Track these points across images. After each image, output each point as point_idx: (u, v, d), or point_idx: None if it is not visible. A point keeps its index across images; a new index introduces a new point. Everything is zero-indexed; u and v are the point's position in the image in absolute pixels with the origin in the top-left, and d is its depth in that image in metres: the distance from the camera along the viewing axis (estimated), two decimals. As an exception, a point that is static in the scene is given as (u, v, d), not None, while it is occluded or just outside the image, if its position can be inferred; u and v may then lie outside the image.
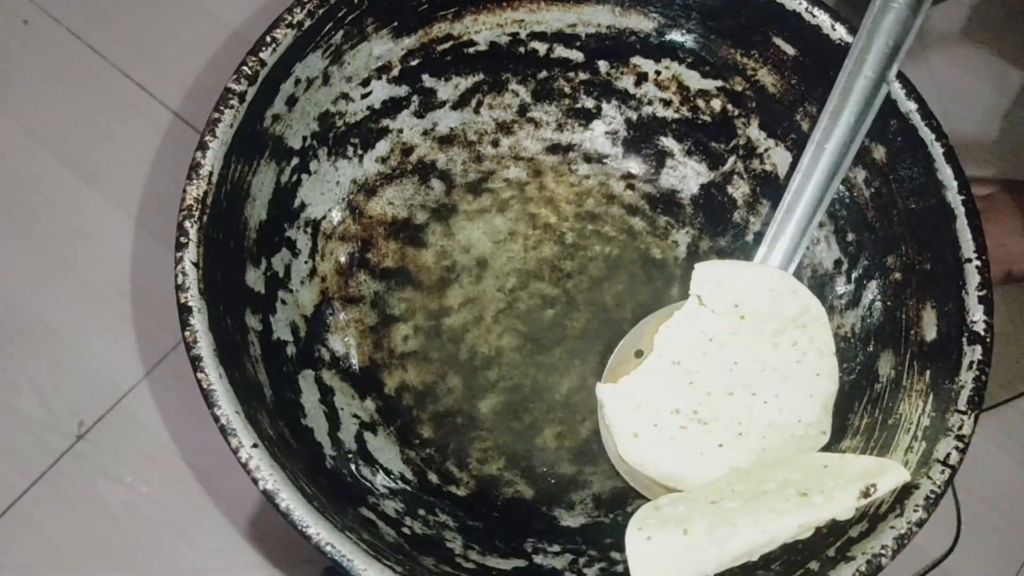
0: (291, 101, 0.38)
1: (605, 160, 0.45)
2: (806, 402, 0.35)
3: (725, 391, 0.36)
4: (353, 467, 0.37)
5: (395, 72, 0.42)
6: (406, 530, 0.36)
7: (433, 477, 0.40)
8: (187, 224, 0.33)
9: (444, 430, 0.41)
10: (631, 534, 0.33)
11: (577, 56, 0.44)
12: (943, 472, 0.32)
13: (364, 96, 0.42)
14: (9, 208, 0.49)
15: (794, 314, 0.36)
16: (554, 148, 0.45)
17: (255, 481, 0.30)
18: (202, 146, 0.34)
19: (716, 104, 0.43)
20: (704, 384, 0.36)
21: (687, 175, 0.45)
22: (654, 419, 0.36)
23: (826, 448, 0.37)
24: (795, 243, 0.38)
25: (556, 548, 0.38)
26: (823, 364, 0.36)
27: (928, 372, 0.36)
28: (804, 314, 0.36)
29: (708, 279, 0.37)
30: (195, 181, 0.33)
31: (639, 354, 0.38)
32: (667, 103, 0.44)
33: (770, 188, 0.44)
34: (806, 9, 0.39)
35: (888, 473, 0.32)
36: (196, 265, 0.32)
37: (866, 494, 0.31)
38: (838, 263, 0.41)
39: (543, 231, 0.44)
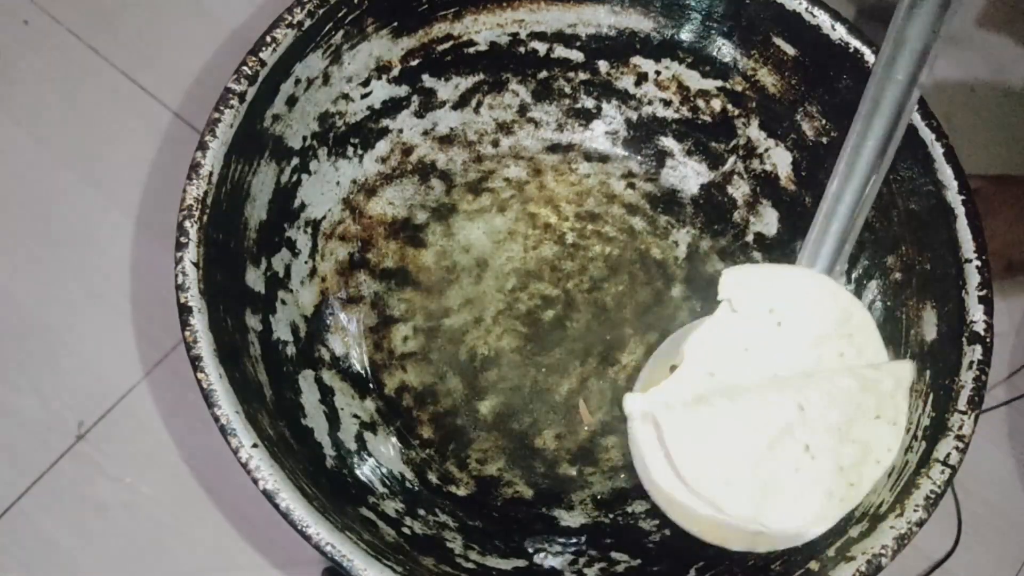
0: (291, 101, 0.38)
1: (605, 160, 0.45)
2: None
3: None
4: (353, 467, 0.38)
5: (395, 72, 0.42)
6: (406, 530, 0.36)
7: (433, 477, 0.40)
8: (187, 224, 0.33)
9: (444, 431, 0.41)
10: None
11: (577, 56, 0.44)
12: (943, 472, 0.32)
13: (364, 96, 0.42)
14: (9, 208, 0.49)
15: (836, 321, 0.34)
16: (554, 148, 0.45)
17: (255, 481, 0.30)
18: (202, 146, 0.34)
19: (716, 104, 0.43)
20: None
21: (687, 175, 0.45)
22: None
23: None
24: (835, 248, 0.35)
25: (556, 548, 0.38)
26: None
27: (928, 372, 0.36)
28: (848, 321, 0.34)
29: (736, 283, 0.34)
30: (195, 181, 0.33)
31: (673, 369, 0.36)
32: (667, 103, 0.44)
33: (770, 188, 0.44)
34: (806, 9, 0.39)
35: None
36: (196, 265, 0.32)
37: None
38: (838, 263, 0.41)
39: (543, 231, 0.44)
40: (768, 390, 0.33)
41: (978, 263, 0.35)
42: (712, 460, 0.32)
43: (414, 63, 0.42)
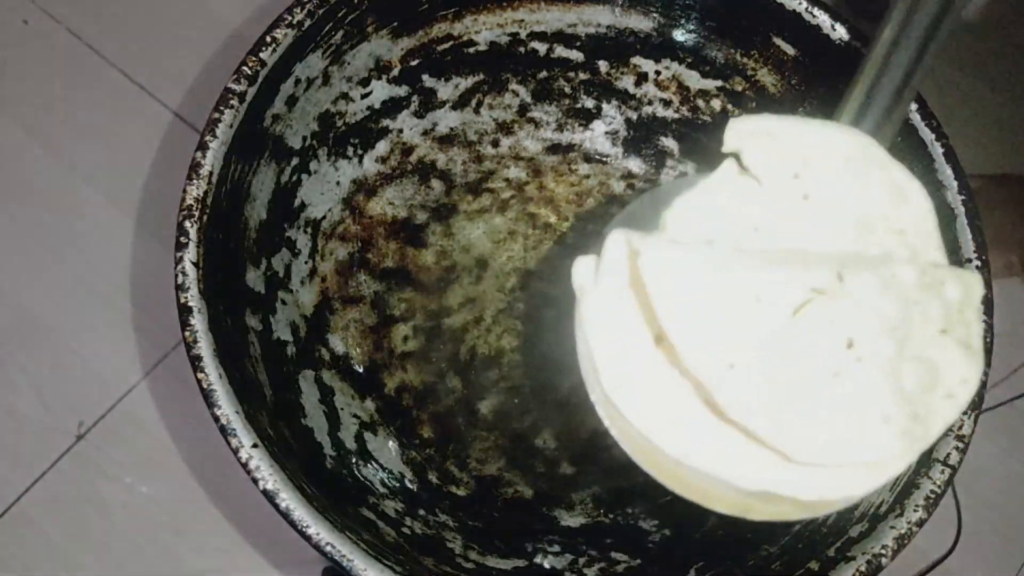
0: (291, 101, 0.38)
1: (605, 160, 0.45)
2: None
3: None
4: (353, 467, 0.37)
5: (395, 72, 0.42)
6: (406, 530, 0.36)
7: (433, 477, 0.40)
8: (187, 224, 0.33)
9: (444, 430, 0.41)
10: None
11: (577, 56, 0.44)
12: (943, 472, 0.32)
13: (364, 96, 0.42)
14: (9, 208, 0.49)
15: (884, 204, 0.24)
16: (554, 148, 0.45)
17: (255, 481, 0.30)
18: (202, 146, 0.34)
19: (716, 104, 0.43)
20: None
21: (687, 175, 0.45)
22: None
23: None
24: (889, 105, 0.27)
25: (556, 548, 0.38)
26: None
27: (928, 372, 0.36)
28: (900, 206, 0.24)
29: (754, 133, 0.24)
30: (195, 181, 0.33)
31: None
32: (667, 103, 0.44)
33: (770, 188, 0.44)
34: (806, 9, 0.39)
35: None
36: (196, 265, 0.32)
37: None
38: (838, 263, 0.41)
39: (543, 231, 0.44)
40: (792, 252, 0.23)
41: (978, 263, 0.35)
42: (711, 322, 0.22)
43: (414, 63, 0.42)
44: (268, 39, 0.36)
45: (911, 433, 0.22)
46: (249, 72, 0.35)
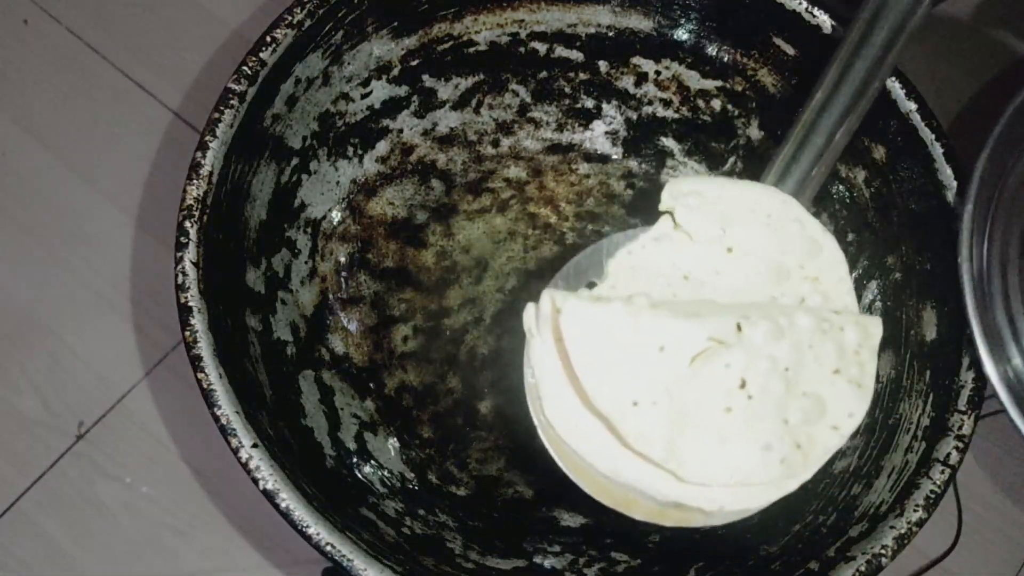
0: (291, 101, 0.38)
1: (605, 160, 0.45)
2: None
3: None
4: (353, 467, 0.38)
5: (395, 72, 0.42)
6: (406, 530, 0.36)
7: (433, 477, 0.40)
8: (187, 224, 0.33)
9: (444, 430, 0.41)
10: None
11: (577, 56, 0.44)
12: (943, 472, 0.32)
13: (364, 96, 0.42)
14: (9, 208, 0.49)
15: (800, 255, 0.28)
16: (554, 148, 0.45)
17: (255, 481, 0.30)
18: (202, 146, 0.34)
19: (716, 104, 0.43)
20: None
21: (687, 175, 0.45)
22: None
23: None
24: (809, 167, 0.30)
25: (556, 548, 0.38)
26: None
27: (928, 372, 0.36)
28: (815, 257, 0.28)
29: (684, 193, 0.28)
30: (195, 181, 0.34)
31: (591, 287, 0.30)
32: (667, 103, 0.44)
33: (770, 188, 0.44)
34: (806, 9, 0.39)
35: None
36: (196, 265, 0.32)
37: None
38: (838, 263, 0.41)
39: (543, 231, 0.44)
40: (703, 304, 0.27)
41: (978, 263, 0.35)
42: (619, 367, 0.26)
43: (414, 63, 0.42)
44: (268, 39, 0.36)
45: (790, 460, 0.26)
46: (249, 72, 0.35)
